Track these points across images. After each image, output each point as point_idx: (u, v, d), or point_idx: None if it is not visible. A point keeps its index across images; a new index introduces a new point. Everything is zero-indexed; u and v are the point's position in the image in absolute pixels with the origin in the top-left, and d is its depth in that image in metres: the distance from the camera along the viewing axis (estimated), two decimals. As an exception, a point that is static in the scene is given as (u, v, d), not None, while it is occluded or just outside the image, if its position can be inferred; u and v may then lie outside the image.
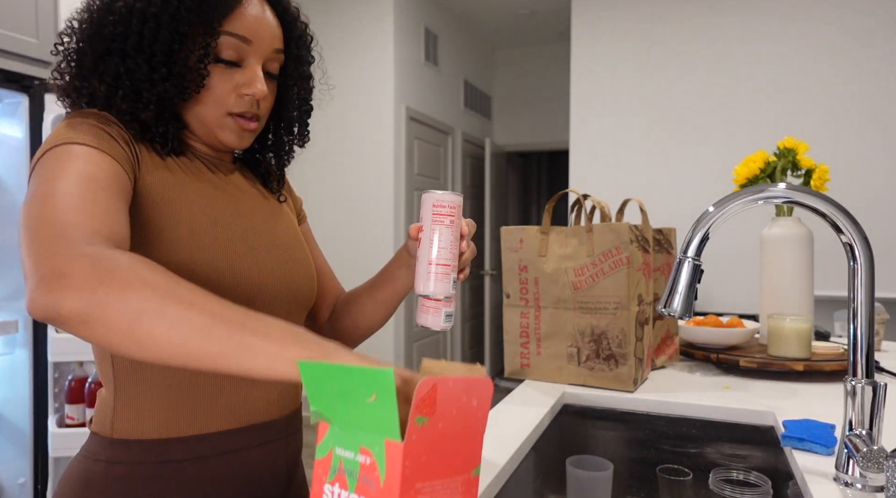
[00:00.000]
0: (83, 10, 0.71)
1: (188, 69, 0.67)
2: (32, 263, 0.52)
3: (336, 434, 0.42)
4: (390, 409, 0.38)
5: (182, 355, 0.46)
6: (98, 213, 0.56)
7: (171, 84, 0.67)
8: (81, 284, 0.48)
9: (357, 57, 3.92)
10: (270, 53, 0.72)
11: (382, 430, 0.39)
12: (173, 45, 0.66)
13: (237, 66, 0.70)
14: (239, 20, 0.68)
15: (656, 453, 1.15)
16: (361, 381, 0.39)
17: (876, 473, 0.74)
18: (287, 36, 0.76)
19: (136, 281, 0.47)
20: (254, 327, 0.47)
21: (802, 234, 1.47)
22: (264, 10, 0.71)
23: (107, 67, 0.67)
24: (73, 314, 0.48)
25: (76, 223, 0.54)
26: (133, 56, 0.66)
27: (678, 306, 0.84)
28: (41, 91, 1.90)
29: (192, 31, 0.66)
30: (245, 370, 0.46)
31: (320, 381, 0.42)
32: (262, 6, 0.71)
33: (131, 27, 0.65)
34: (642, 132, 3.66)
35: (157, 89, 0.67)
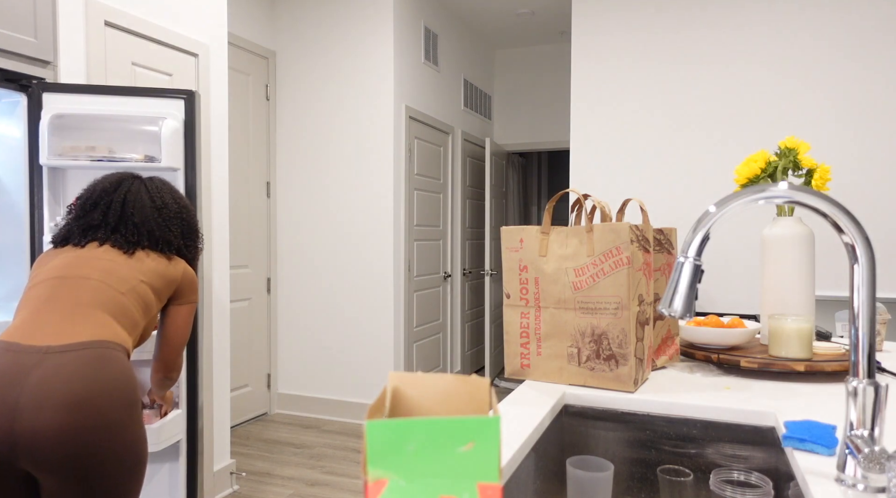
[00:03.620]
0: (179, 207, 1.68)
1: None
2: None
3: (400, 489, 0.41)
4: (491, 453, 0.38)
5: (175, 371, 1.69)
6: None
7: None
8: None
9: (357, 56, 3.92)
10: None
11: (476, 475, 0.39)
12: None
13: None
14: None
15: (657, 454, 1.14)
16: (456, 431, 0.39)
17: (877, 474, 0.74)
18: None
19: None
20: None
21: (804, 234, 1.47)
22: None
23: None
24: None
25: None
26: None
27: (679, 306, 0.83)
28: (39, 90, 1.89)
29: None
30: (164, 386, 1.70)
31: (390, 439, 0.40)
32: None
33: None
34: (643, 132, 3.66)
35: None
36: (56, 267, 1.37)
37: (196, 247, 1.68)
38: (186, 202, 1.66)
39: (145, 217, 1.52)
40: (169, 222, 1.57)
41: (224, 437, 2.81)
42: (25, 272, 1.93)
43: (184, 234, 1.62)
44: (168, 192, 1.61)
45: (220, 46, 2.73)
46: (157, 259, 1.51)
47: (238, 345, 3.78)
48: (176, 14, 2.50)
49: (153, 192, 1.57)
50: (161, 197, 1.58)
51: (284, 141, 4.11)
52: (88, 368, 1.22)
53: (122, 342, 1.33)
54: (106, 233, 1.47)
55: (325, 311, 4.04)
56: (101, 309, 1.32)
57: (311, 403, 4.06)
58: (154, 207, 1.55)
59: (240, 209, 3.78)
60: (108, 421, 1.22)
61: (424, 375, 0.50)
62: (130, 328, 1.38)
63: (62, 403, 1.17)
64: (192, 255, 1.67)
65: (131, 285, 1.40)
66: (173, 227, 1.58)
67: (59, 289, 1.32)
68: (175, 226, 1.58)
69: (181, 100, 2.02)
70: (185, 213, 1.63)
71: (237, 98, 3.74)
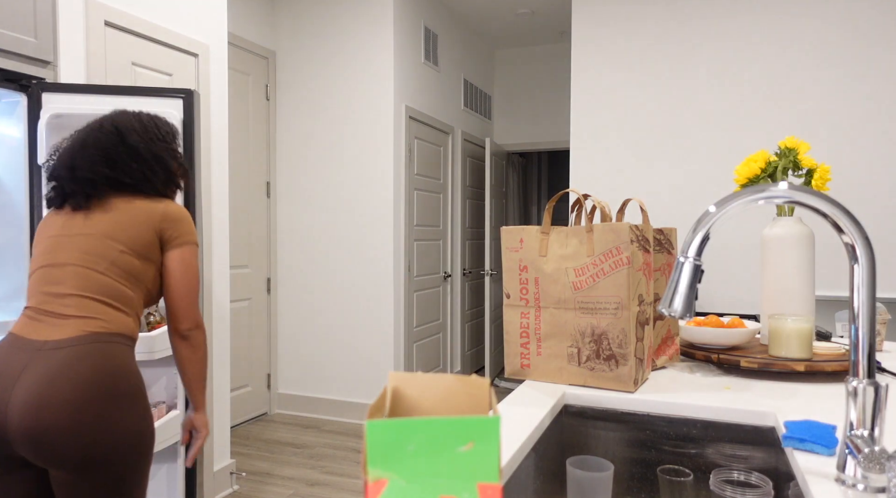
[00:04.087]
0: (153, 135, 1.51)
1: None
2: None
3: (400, 489, 0.41)
4: (491, 454, 0.38)
5: (201, 369, 1.53)
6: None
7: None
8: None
9: (357, 56, 3.92)
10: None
11: (476, 475, 0.39)
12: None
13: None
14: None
15: (657, 454, 1.14)
16: (456, 431, 0.39)
17: (877, 474, 0.74)
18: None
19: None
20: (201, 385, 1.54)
21: (804, 234, 1.47)
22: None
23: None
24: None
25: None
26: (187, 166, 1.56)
27: (679, 306, 0.83)
28: (38, 90, 1.89)
29: None
30: (197, 385, 1.53)
31: (390, 439, 0.40)
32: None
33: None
34: (643, 132, 3.66)
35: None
36: (43, 252, 1.34)
37: (169, 180, 1.48)
38: (152, 130, 1.48)
39: (93, 162, 1.37)
40: (125, 161, 1.39)
41: (224, 437, 2.81)
42: (25, 272, 1.93)
43: (149, 168, 1.42)
44: (126, 122, 1.44)
45: (220, 46, 2.73)
46: (124, 209, 1.37)
47: (238, 345, 3.78)
48: (176, 14, 2.50)
49: (104, 131, 1.41)
50: (114, 134, 1.41)
51: (284, 141, 4.11)
52: (79, 365, 1.20)
53: (117, 328, 1.29)
54: (64, 193, 1.38)
55: (325, 311, 4.04)
56: (87, 297, 1.28)
57: (311, 403, 4.06)
58: (99, 149, 1.38)
59: (240, 209, 3.78)
60: (95, 416, 1.20)
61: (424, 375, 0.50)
62: (125, 306, 1.33)
63: (50, 402, 1.16)
64: (169, 190, 1.49)
65: (110, 260, 1.32)
66: (133, 164, 1.40)
67: (47, 279, 1.31)
68: (135, 162, 1.40)
69: (179, 99, 2.01)
70: (145, 144, 1.43)
71: (237, 98, 3.74)
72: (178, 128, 2.00)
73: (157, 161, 1.44)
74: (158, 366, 2.04)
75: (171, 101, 2.01)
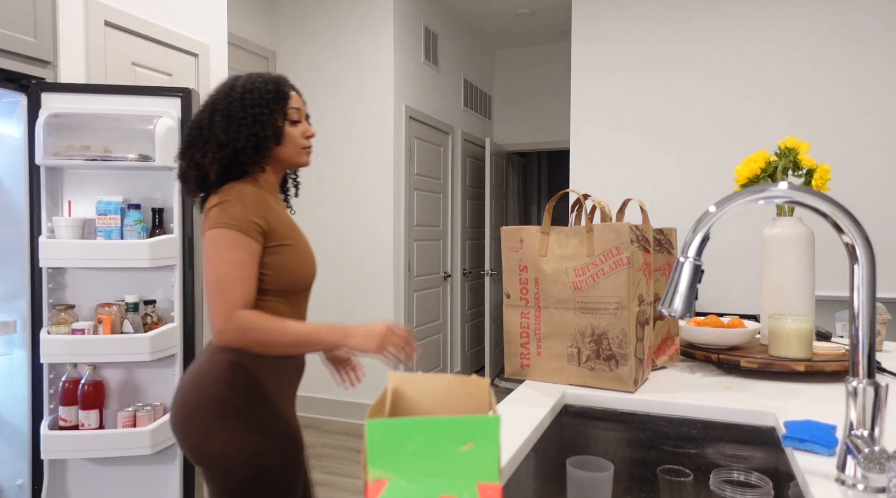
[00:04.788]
0: (212, 110, 1.27)
1: (279, 129, 1.29)
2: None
3: (400, 488, 0.41)
4: (491, 453, 0.38)
5: (286, 349, 1.18)
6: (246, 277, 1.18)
7: (275, 140, 1.28)
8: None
9: (357, 56, 3.91)
10: (305, 114, 1.37)
11: (476, 475, 0.39)
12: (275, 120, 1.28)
13: (298, 123, 1.33)
14: (293, 102, 1.32)
15: (657, 454, 1.14)
16: (456, 431, 0.39)
17: (877, 474, 0.74)
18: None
19: (253, 327, 1.14)
20: (309, 333, 1.18)
21: (804, 234, 1.47)
22: (298, 95, 1.35)
23: (236, 138, 1.24)
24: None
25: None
26: (255, 130, 1.25)
27: (679, 306, 0.83)
28: (38, 90, 1.89)
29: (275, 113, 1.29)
30: (310, 352, 1.21)
31: (390, 438, 0.40)
32: (296, 94, 1.35)
33: (255, 114, 1.26)
34: (643, 132, 3.66)
35: (267, 145, 1.27)
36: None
37: (234, 148, 1.22)
38: (228, 92, 1.26)
39: (189, 148, 1.25)
40: (204, 137, 1.24)
41: (224, 437, 2.80)
42: (25, 272, 1.92)
43: (221, 145, 1.22)
44: (216, 93, 1.28)
45: (220, 46, 2.73)
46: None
47: (238, 345, 3.78)
48: (176, 14, 2.50)
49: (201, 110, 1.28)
50: (203, 111, 1.27)
51: (284, 141, 4.11)
52: (188, 370, 1.26)
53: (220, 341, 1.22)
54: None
55: (324, 310, 4.04)
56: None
57: (312, 403, 4.06)
58: (196, 128, 1.26)
59: (240, 209, 3.78)
60: (180, 428, 1.20)
61: (424, 375, 0.50)
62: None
63: (173, 401, 1.25)
64: (232, 170, 1.24)
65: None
66: (208, 149, 1.23)
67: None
68: (211, 144, 1.23)
69: (177, 98, 2.01)
70: (213, 115, 1.24)
71: (237, 98, 3.74)
72: (176, 127, 2.00)
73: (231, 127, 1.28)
74: (155, 366, 2.03)
75: (168, 101, 2.00)
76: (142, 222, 1.93)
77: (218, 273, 1.14)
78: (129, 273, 2.03)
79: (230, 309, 1.13)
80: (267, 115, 1.26)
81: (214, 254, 1.15)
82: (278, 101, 1.28)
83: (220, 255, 1.15)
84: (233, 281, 1.14)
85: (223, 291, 1.14)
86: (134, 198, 2.03)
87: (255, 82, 1.28)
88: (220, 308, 1.13)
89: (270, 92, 1.28)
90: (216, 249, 1.15)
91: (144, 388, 2.05)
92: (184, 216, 2.01)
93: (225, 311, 1.13)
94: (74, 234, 1.88)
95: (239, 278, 1.15)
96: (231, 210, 1.17)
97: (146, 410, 1.94)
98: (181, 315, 2.02)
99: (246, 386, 1.20)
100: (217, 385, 1.19)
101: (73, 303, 1.97)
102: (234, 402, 1.19)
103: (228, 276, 1.14)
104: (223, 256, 1.15)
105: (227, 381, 1.19)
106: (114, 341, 1.87)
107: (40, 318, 1.91)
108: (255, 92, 1.26)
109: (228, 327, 1.13)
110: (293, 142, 1.31)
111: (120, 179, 2.04)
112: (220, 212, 1.17)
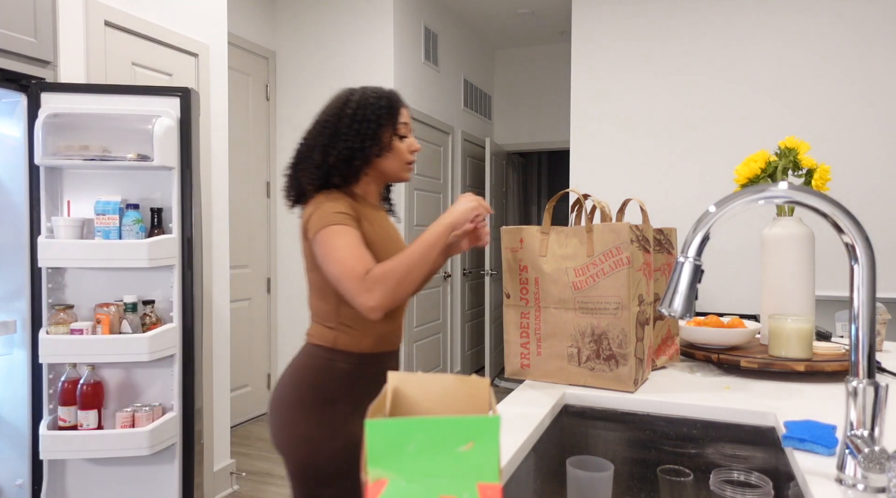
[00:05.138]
0: (322, 127, 1.32)
1: (385, 144, 1.31)
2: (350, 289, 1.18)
3: (400, 488, 0.41)
4: (491, 453, 0.38)
5: (423, 280, 1.22)
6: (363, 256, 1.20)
7: (377, 153, 1.30)
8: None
9: (357, 56, 3.91)
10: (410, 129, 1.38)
11: (476, 475, 0.39)
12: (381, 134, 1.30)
13: (405, 138, 1.34)
14: (402, 117, 1.34)
15: (657, 454, 1.14)
16: (456, 431, 0.39)
17: (877, 474, 0.74)
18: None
19: (385, 272, 1.16)
20: (422, 245, 1.20)
21: (804, 234, 1.47)
22: (407, 110, 1.37)
23: (340, 153, 1.27)
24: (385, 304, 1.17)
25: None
26: (361, 143, 1.28)
27: (679, 306, 0.83)
28: (37, 90, 1.89)
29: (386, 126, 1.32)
30: (438, 264, 1.25)
31: (390, 438, 0.40)
32: (406, 109, 1.36)
33: (362, 130, 1.28)
34: (643, 132, 3.66)
35: (370, 158, 1.30)
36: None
37: (326, 164, 1.27)
38: (335, 107, 1.32)
39: (297, 161, 1.34)
40: (307, 155, 1.31)
41: (224, 437, 2.81)
42: (26, 272, 1.92)
43: (321, 160, 1.28)
44: (329, 109, 1.34)
45: (220, 46, 2.73)
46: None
47: (238, 345, 3.78)
48: (176, 14, 2.50)
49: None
50: (314, 128, 1.34)
51: (284, 141, 4.11)
52: (285, 369, 1.32)
53: (315, 339, 1.29)
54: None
55: (324, 311, 4.04)
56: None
57: (311, 403, 4.06)
58: (304, 147, 1.33)
59: (240, 209, 3.78)
60: (269, 413, 1.29)
61: (424, 375, 0.50)
62: (319, 317, 1.30)
63: (271, 397, 1.33)
64: (330, 177, 1.28)
65: (307, 276, 1.31)
66: (312, 157, 1.29)
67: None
68: (315, 154, 1.29)
69: (176, 97, 2.01)
70: (321, 128, 1.31)
71: (237, 98, 3.74)
72: (175, 126, 2.00)
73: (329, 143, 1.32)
74: (154, 367, 2.03)
75: (168, 100, 2.00)
76: (140, 222, 1.93)
77: (336, 263, 1.19)
78: (129, 273, 2.02)
79: (359, 280, 1.16)
80: (374, 129, 1.29)
81: (326, 251, 1.20)
82: (390, 117, 1.31)
83: (330, 248, 1.19)
84: (350, 260, 1.18)
85: (348, 274, 1.17)
86: (133, 198, 2.03)
87: (369, 98, 1.31)
88: (354, 286, 1.16)
89: (383, 107, 1.31)
90: (326, 247, 1.20)
91: (143, 388, 2.04)
92: (183, 216, 2.01)
93: (357, 285, 1.16)
94: (73, 234, 1.88)
95: (353, 256, 1.18)
96: (323, 212, 1.23)
97: (145, 411, 1.94)
98: (180, 315, 2.01)
99: (322, 386, 1.26)
100: (299, 380, 1.27)
101: (72, 303, 1.96)
102: (310, 398, 1.25)
103: (344, 259, 1.18)
104: (334, 246, 1.19)
105: (307, 378, 1.26)
106: (112, 341, 1.86)
107: (40, 318, 1.91)
108: (367, 107, 1.30)
109: (371, 296, 1.15)
110: (399, 156, 1.33)
111: (119, 179, 2.03)
112: (316, 220, 1.22)
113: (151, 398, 2.04)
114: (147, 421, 1.93)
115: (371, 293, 1.15)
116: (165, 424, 1.96)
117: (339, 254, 1.18)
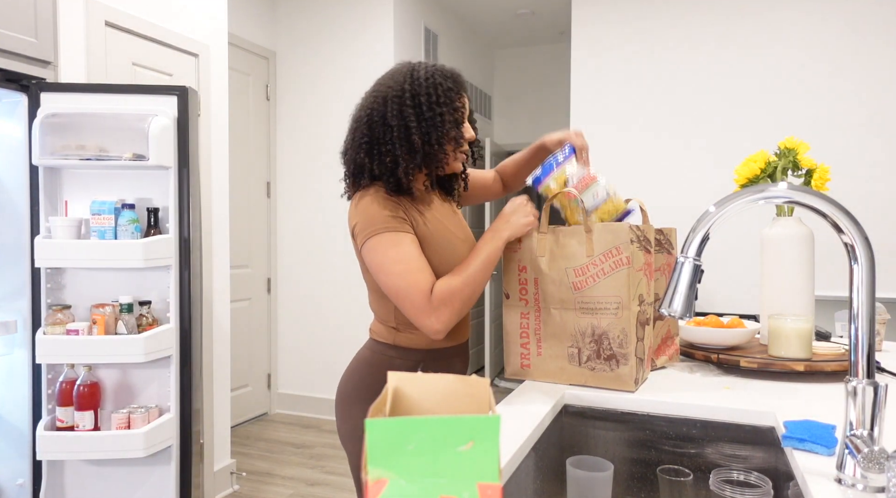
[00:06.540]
0: (400, 104, 1.15)
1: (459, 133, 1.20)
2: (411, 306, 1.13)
3: (400, 488, 0.41)
4: (491, 453, 0.38)
5: (484, 283, 1.15)
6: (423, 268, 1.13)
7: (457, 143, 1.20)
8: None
9: (357, 56, 3.91)
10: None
11: (476, 475, 0.39)
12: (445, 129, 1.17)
13: (462, 125, 1.20)
14: (464, 100, 1.20)
15: (657, 454, 1.14)
16: (456, 430, 0.39)
17: (877, 474, 0.74)
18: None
19: (451, 293, 1.11)
20: (481, 256, 1.15)
21: (803, 234, 1.47)
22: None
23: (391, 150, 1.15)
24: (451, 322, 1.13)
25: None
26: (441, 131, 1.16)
27: (678, 306, 0.83)
28: (37, 90, 1.89)
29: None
30: (496, 260, 1.17)
31: (390, 438, 0.40)
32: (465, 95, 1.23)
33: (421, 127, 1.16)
34: (643, 132, 3.66)
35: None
36: None
37: (387, 153, 1.15)
38: (385, 92, 1.17)
39: (347, 149, 1.26)
40: (358, 142, 1.21)
41: (224, 437, 2.81)
42: (26, 272, 1.92)
43: (370, 146, 1.18)
44: (393, 83, 1.18)
45: (220, 46, 2.73)
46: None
47: (238, 345, 3.78)
48: (176, 14, 2.50)
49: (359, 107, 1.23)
50: (360, 108, 1.23)
51: (284, 141, 4.11)
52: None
53: (376, 335, 1.28)
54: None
55: (325, 310, 4.04)
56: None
57: (311, 403, 4.06)
58: (351, 130, 1.24)
59: (240, 209, 3.78)
60: (336, 412, 1.32)
61: (424, 375, 0.50)
62: (379, 316, 1.28)
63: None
64: (385, 168, 1.16)
65: (363, 276, 1.27)
66: (361, 145, 1.19)
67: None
68: (363, 141, 1.19)
69: (174, 96, 1.99)
70: (370, 114, 1.18)
71: (237, 98, 3.74)
72: (172, 126, 1.99)
73: (385, 130, 1.20)
74: (149, 367, 2.02)
75: (165, 99, 1.99)
76: (135, 222, 1.92)
77: (393, 277, 1.11)
78: (126, 273, 2.02)
79: (424, 301, 1.09)
80: (450, 114, 1.14)
81: (380, 262, 1.12)
82: (459, 100, 1.17)
83: (384, 261, 1.11)
84: (408, 276, 1.10)
85: (408, 293, 1.10)
86: (130, 198, 2.02)
87: (436, 77, 1.15)
88: (416, 307, 1.10)
89: (451, 90, 1.16)
90: (379, 258, 1.12)
91: (140, 389, 2.04)
92: (180, 216, 1.99)
93: (422, 306, 1.09)
94: (71, 234, 1.88)
95: (410, 270, 1.10)
96: (371, 217, 1.13)
97: (140, 412, 1.92)
98: (177, 316, 2.00)
99: (379, 382, 1.22)
100: (359, 376, 1.28)
101: (70, 303, 1.96)
102: (364, 394, 1.25)
103: (402, 274, 1.10)
104: (388, 259, 1.11)
105: (365, 374, 1.27)
106: (107, 342, 1.86)
107: (40, 318, 1.90)
108: (438, 88, 1.14)
109: (437, 319, 1.09)
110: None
111: (117, 179, 2.03)
112: (363, 226, 1.14)
113: (148, 399, 2.03)
114: (143, 423, 1.92)
115: (438, 316, 1.09)
116: (161, 426, 1.95)
117: (395, 268, 1.10)
